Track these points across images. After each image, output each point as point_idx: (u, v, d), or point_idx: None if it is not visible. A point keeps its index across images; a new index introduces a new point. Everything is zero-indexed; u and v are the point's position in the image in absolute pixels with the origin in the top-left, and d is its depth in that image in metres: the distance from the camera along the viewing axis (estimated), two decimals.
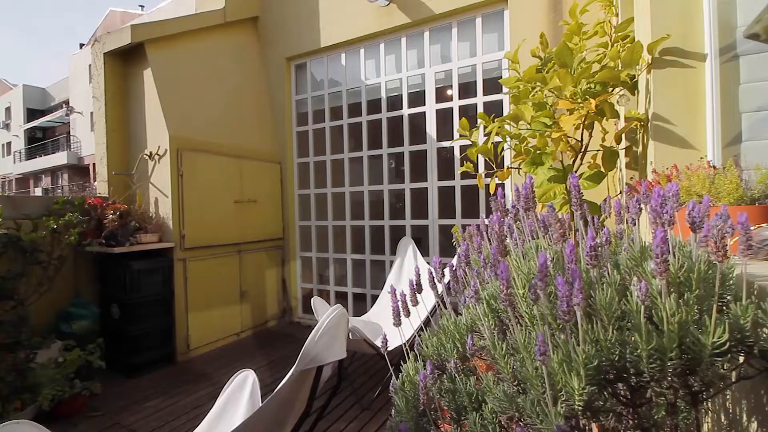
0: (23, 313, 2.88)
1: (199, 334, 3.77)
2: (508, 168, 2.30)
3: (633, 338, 0.66)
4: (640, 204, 0.88)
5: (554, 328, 0.67)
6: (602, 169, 2.03)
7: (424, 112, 3.93)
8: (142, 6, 23.92)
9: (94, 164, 22.59)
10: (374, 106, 4.27)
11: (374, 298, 4.14)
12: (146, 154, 3.68)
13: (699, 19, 1.84)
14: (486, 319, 0.68)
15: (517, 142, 2.28)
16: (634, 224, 0.92)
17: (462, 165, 2.35)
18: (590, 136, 2.11)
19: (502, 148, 2.48)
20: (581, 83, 1.87)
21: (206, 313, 3.84)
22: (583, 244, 0.71)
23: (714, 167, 1.61)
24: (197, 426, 2.45)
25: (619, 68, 1.94)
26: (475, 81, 3.72)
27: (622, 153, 2.32)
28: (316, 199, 4.70)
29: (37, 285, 3.01)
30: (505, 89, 3.61)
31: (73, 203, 3.25)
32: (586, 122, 1.94)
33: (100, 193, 3.74)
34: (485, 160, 2.78)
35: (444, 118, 3.89)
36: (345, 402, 2.74)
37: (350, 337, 2.44)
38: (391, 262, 4.03)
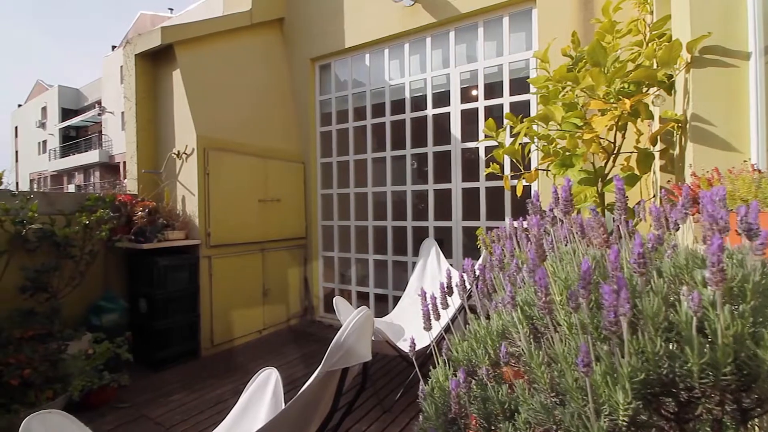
0: (56, 306, 3.00)
1: (222, 330, 3.83)
2: (536, 170, 2.24)
3: (682, 351, 0.62)
4: (685, 209, 0.83)
5: (596, 338, 0.64)
6: (636, 172, 1.96)
7: (449, 113, 3.89)
8: (171, 9, 24.67)
9: (124, 162, 23.40)
10: (398, 106, 4.25)
11: (396, 299, 4.12)
12: (174, 153, 3.77)
13: (742, 17, 1.75)
14: (521, 326, 0.65)
15: (545, 143, 2.23)
16: (677, 230, 0.87)
17: (488, 166, 2.31)
18: (623, 137, 2.04)
19: (529, 149, 2.43)
20: (615, 83, 1.81)
21: (230, 310, 3.91)
22: (626, 250, 0.67)
23: (759, 171, 1.52)
24: (220, 421, 2.49)
25: (656, 67, 1.86)
26: (502, 81, 3.66)
27: (656, 155, 2.23)
28: (339, 199, 4.72)
29: (69, 279, 3.12)
30: (532, 89, 3.54)
31: (105, 200, 3.36)
32: (619, 123, 1.87)
33: (129, 191, 3.85)
34: (511, 161, 2.73)
35: (469, 118, 3.84)
36: (366, 403, 2.73)
37: (372, 338, 2.43)
38: (414, 263, 4.00)
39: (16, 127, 34.61)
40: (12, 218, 2.82)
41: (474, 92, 4.09)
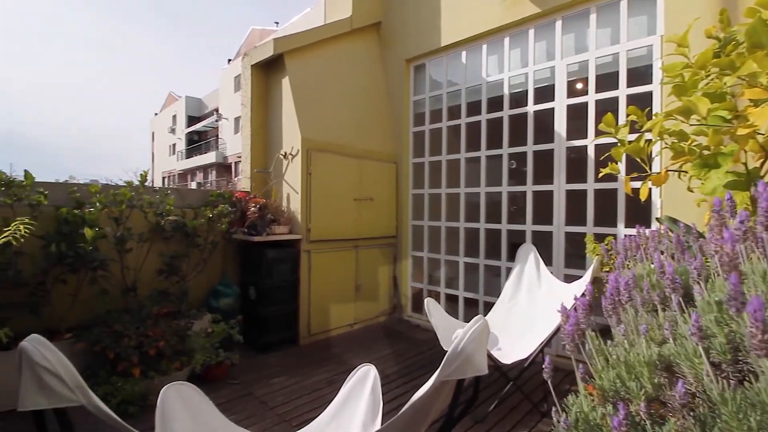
0: (185, 288, 3.44)
1: (318, 321, 4.06)
2: (666, 170, 1.96)
3: None
4: None
5: None
6: None
7: (553, 108, 3.61)
8: (276, 22, 26.92)
9: (235, 163, 26.23)
10: (495, 103, 4.08)
11: (487, 304, 3.97)
12: (281, 154, 4.08)
13: None
14: (698, 361, 0.55)
15: (676, 141, 1.93)
16: None
17: (606, 166, 2.07)
18: None
19: (652, 147, 2.13)
20: None
21: (325, 303, 4.12)
22: None
23: None
24: (317, 408, 2.62)
25: None
26: (617, 72, 3.29)
27: None
28: (430, 199, 4.69)
29: (195, 265, 3.56)
30: (656, 78, 3.12)
31: (224, 196, 3.77)
32: None
33: (243, 188, 4.27)
34: (630, 161, 2.42)
35: (576, 113, 3.53)
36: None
37: None
38: (508, 269, 3.81)
39: (153, 133, 40.88)
40: (154, 210, 3.30)
41: (582, 85, 3.75)
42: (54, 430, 1.02)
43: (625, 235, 2.26)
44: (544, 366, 0.70)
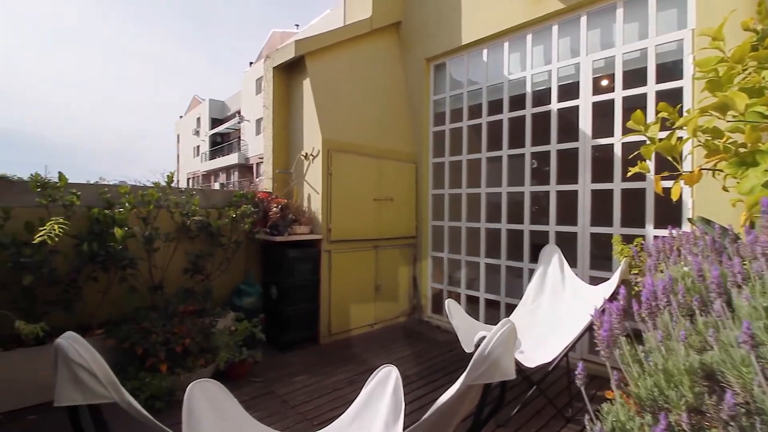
0: (209, 286, 3.51)
1: (338, 321, 4.08)
2: (700, 169, 1.88)
3: None
4: None
5: None
6: None
7: (577, 106, 3.53)
8: (297, 25, 27.21)
9: (256, 164, 26.68)
10: (517, 102, 4.01)
11: (509, 306, 3.91)
12: (302, 155, 4.13)
13: None
14: (746, 370, 0.52)
15: (709, 138, 1.85)
16: None
17: (635, 165, 2.01)
18: None
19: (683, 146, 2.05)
20: None
21: (345, 303, 4.14)
22: None
23: None
24: (338, 408, 2.63)
25: None
26: (645, 67, 3.18)
27: None
28: (450, 200, 4.65)
29: (218, 264, 3.63)
30: (686, 74, 3.00)
31: (248, 197, 3.83)
32: None
33: (265, 189, 4.33)
34: (658, 159, 2.34)
35: (601, 111, 3.43)
36: None
37: None
38: (530, 270, 3.74)
39: (178, 135, 42.01)
40: (180, 211, 3.38)
41: (605, 82, 3.65)
42: (85, 426, 1.06)
43: (657, 237, 2.19)
44: (577, 372, 0.67)
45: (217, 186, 31.74)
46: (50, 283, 2.71)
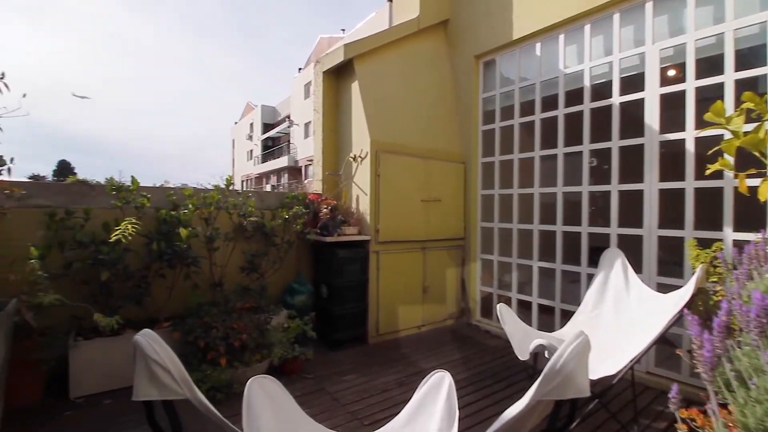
0: (264, 284, 3.66)
1: (386, 322, 4.09)
2: None
3: None
4: None
5: None
6: None
7: (642, 99, 3.28)
8: (343, 30, 27.70)
9: (305, 165, 27.51)
10: (574, 96, 3.80)
11: (565, 313, 3.71)
12: (351, 157, 4.18)
13: None
14: None
15: None
16: None
17: (714, 162, 1.83)
18: None
19: None
20: None
21: (393, 303, 4.14)
22: None
23: None
24: (387, 409, 2.63)
25: None
26: (721, 54, 2.90)
27: None
28: (501, 200, 4.51)
29: (272, 263, 3.77)
30: None
31: (299, 198, 3.95)
32: None
33: (315, 190, 4.44)
34: (739, 155, 2.11)
35: (671, 104, 3.17)
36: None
37: (545, 355, 2.21)
38: (589, 275, 3.54)
39: (233, 140, 44.33)
40: (237, 212, 3.55)
41: (673, 72, 3.36)
42: (159, 419, 1.13)
43: (737, 241, 1.97)
44: (671, 396, 0.61)
45: (268, 188, 33.11)
46: (124, 279, 2.95)
